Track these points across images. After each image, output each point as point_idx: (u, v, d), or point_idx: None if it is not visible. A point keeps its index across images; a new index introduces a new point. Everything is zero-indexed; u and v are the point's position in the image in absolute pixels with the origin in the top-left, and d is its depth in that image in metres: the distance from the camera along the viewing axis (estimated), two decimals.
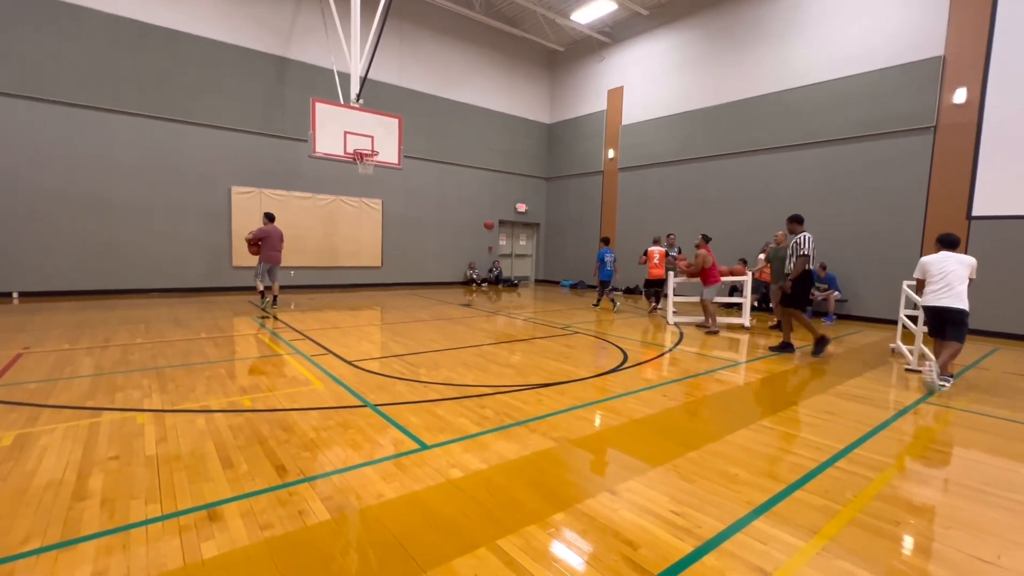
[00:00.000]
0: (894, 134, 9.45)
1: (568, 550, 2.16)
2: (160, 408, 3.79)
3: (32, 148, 9.31)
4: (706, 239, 8.50)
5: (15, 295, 9.33)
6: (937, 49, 8.90)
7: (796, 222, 6.63)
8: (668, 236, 11.07)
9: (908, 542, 2.30)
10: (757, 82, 11.57)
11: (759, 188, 11.61)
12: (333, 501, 2.48)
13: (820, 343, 6.35)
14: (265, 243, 8.89)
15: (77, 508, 2.36)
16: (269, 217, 9.24)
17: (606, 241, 11.42)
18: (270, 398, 4.09)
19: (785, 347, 6.63)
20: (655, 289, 10.36)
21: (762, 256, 10.21)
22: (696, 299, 8.93)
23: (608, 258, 10.87)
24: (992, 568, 2.11)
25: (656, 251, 10.19)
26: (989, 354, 7.00)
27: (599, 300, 11.13)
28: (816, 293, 9.88)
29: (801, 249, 6.26)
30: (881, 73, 9.57)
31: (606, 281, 10.95)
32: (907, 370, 5.82)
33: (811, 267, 6.31)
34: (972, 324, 8.58)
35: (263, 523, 2.27)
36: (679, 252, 10.82)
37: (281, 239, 9.17)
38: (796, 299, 6.40)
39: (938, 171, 8.96)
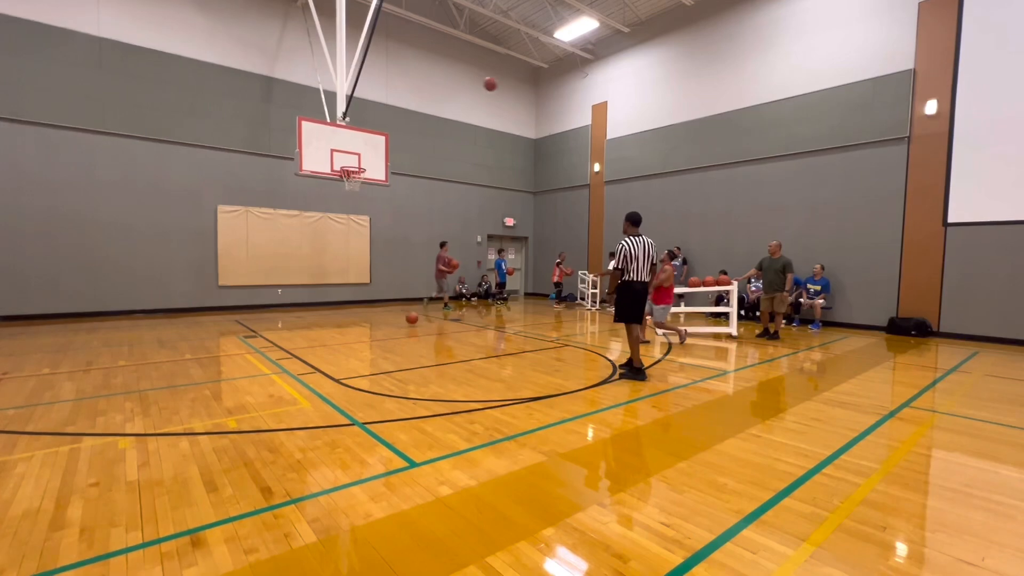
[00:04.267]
0: (870, 144, 9.72)
1: (558, 566, 2.14)
2: (143, 432, 3.71)
3: (12, 169, 9.19)
4: (671, 255, 8.47)
5: None
6: (907, 63, 9.22)
7: (627, 221, 5.64)
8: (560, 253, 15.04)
9: (895, 546, 2.32)
10: (736, 96, 11.85)
11: (741, 199, 11.82)
12: (320, 523, 2.45)
13: (636, 372, 5.53)
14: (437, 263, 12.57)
15: (54, 538, 2.30)
16: (441, 244, 12.89)
17: (500, 252, 15.01)
18: (256, 419, 4.03)
19: (635, 372, 5.56)
20: (558, 290, 14.51)
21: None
22: (687, 310, 8.99)
23: (504, 266, 14.61)
24: (977, 570, 2.14)
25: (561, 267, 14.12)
26: (970, 357, 7.13)
27: (503, 299, 14.72)
28: (805, 301, 10.04)
29: (615, 261, 5.50)
30: (855, 86, 9.87)
31: (502, 284, 14.55)
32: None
33: (636, 277, 5.43)
34: (952, 328, 8.86)
35: (248, 547, 2.22)
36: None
37: (438, 260, 12.59)
38: (623, 313, 5.55)
39: (914, 180, 9.21)
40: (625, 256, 5.43)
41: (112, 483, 2.86)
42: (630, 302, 5.54)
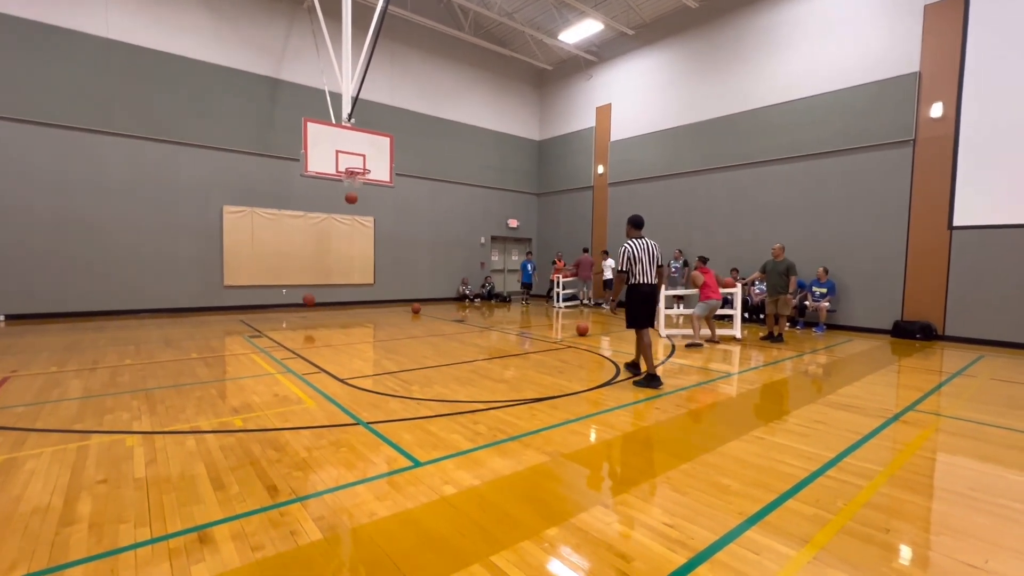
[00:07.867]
0: (875, 147, 9.69)
1: (562, 565, 2.16)
2: (150, 430, 3.75)
3: (21, 170, 9.29)
4: (703, 260, 9.05)
5: (1, 318, 9.22)
6: (912, 66, 9.20)
7: (629, 224, 5.48)
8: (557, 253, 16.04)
9: (898, 549, 2.33)
10: (740, 98, 11.85)
11: (745, 201, 11.80)
12: (325, 521, 2.47)
13: (650, 379, 5.26)
14: (580, 267, 13.96)
15: (64, 533, 2.33)
16: (584, 249, 14.38)
17: (529, 253, 16.14)
18: (261, 418, 4.06)
19: (649, 379, 5.27)
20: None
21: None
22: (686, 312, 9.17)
23: (529, 267, 15.42)
24: (980, 573, 2.14)
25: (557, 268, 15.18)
26: (975, 361, 7.10)
27: (525, 300, 15.61)
28: (810, 304, 10.01)
29: (618, 264, 5.36)
30: (860, 89, 9.85)
31: (528, 284, 15.31)
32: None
33: (643, 280, 5.23)
34: (958, 332, 8.81)
35: (254, 544, 2.25)
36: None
37: (589, 265, 13.99)
38: (634, 318, 5.32)
39: (919, 183, 9.18)
40: (629, 258, 5.27)
41: (120, 480, 2.89)
42: (640, 305, 5.29)
